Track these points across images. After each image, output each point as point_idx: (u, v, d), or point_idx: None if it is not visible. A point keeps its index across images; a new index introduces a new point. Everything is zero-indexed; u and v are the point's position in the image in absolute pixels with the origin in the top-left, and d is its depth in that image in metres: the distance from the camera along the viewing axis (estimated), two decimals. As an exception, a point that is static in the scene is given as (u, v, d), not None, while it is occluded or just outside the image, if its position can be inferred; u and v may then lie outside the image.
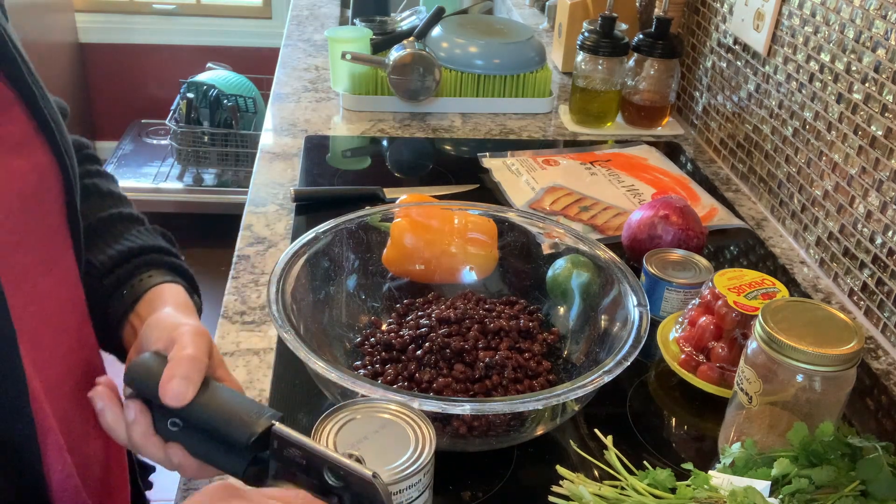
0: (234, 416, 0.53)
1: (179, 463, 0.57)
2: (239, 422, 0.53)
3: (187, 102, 2.73)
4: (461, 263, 0.89)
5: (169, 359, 0.56)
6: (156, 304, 0.66)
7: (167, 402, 0.54)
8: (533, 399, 0.63)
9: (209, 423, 0.54)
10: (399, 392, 0.62)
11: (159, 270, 0.71)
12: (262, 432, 0.52)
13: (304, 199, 1.13)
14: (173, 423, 0.56)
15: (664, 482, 0.62)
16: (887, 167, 0.91)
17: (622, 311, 0.76)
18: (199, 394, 0.55)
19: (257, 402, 0.55)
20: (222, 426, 0.53)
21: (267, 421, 0.53)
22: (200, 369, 0.56)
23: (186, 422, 0.55)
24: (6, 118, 0.57)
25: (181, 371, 0.55)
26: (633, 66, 1.41)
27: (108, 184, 0.77)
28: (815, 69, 1.05)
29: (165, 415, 0.56)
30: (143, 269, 0.70)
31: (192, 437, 0.56)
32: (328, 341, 0.80)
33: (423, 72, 1.39)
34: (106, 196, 0.75)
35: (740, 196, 1.24)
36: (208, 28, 3.16)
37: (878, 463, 0.60)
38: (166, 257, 0.73)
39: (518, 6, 2.18)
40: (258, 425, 0.52)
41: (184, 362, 0.55)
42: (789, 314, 0.67)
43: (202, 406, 0.54)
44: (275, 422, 0.52)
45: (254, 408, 0.54)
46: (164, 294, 0.68)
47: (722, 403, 0.75)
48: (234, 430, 0.53)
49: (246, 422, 0.53)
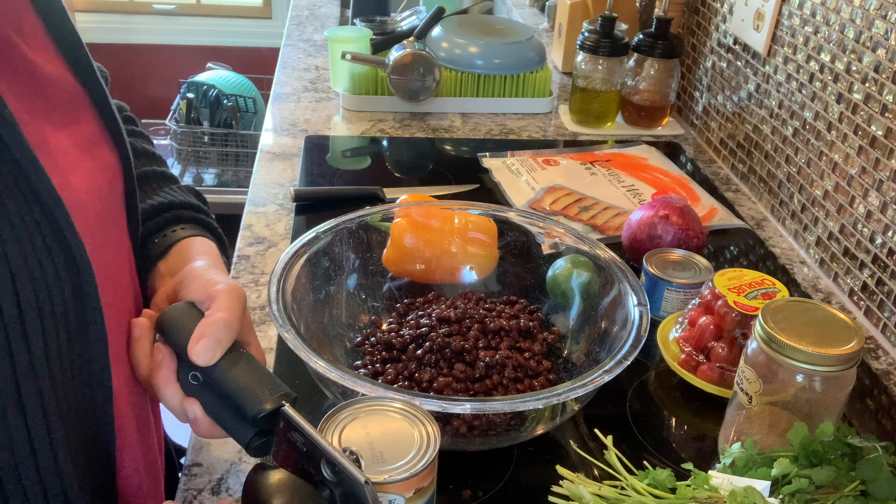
0: (250, 388, 0.55)
1: (195, 418, 0.57)
2: (252, 395, 0.54)
3: (187, 102, 2.73)
4: (461, 263, 0.89)
5: (206, 315, 0.57)
6: (187, 253, 0.67)
7: (193, 359, 0.55)
8: (534, 398, 0.63)
9: (225, 389, 0.55)
10: (399, 391, 0.62)
11: (190, 225, 0.72)
12: (270, 410, 0.53)
13: (304, 199, 1.13)
14: (194, 378, 0.57)
15: (664, 482, 0.62)
16: (887, 167, 0.91)
17: (622, 310, 0.76)
18: (225, 357, 0.56)
19: (277, 379, 0.56)
20: (236, 395, 0.55)
21: (278, 401, 0.54)
22: (231, 335, 0.57)
23: (206, 380, 0.56)
24: (83, 118, 0.58)
25: (213, 332, 0.56)
26: (633, 66, 1.41)
27: (143, 143, 0.78)
28: (815, 69, 1.05)
29: (188, 368, 0.57)
30: (173, 222, 0.71)
31: (207, 396, 0.57)
32: (328, 341, 0.80)
33: (423, 72, 1.39)
34: (140, 155, 0.76)
35: (740, 196, 1.24)
36: (208, 28, 3.16)
37: (878, 463, 0.60)
38: (198, 214, 0.74)
39: (518, 6, 2.18)
40: (269, 403, 0.53)
41: (217, 324, 0.56)
42: (789, 314, 0.67)
43: (223, 370, 0.56)
44: (285, 403, 0.53)
45: (270, 384, 0.55)
46: (196, 246, 0.69)
47: (722, 403, 0.75)
48: (245, 402, 0.54)
49: (259, 397, 0.54)
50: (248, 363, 0.57)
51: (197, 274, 0.62)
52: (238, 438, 0.56)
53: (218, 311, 0.57)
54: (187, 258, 0.67)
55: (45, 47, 0.56)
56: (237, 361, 0.56)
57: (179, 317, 0.58)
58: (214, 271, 0.63)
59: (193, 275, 0.62)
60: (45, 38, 0.57)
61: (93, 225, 0.55)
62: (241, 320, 0.59)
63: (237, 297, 0.59)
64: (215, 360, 0.55)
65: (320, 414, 0.58)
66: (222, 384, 0.55)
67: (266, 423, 0.54)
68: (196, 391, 0.58)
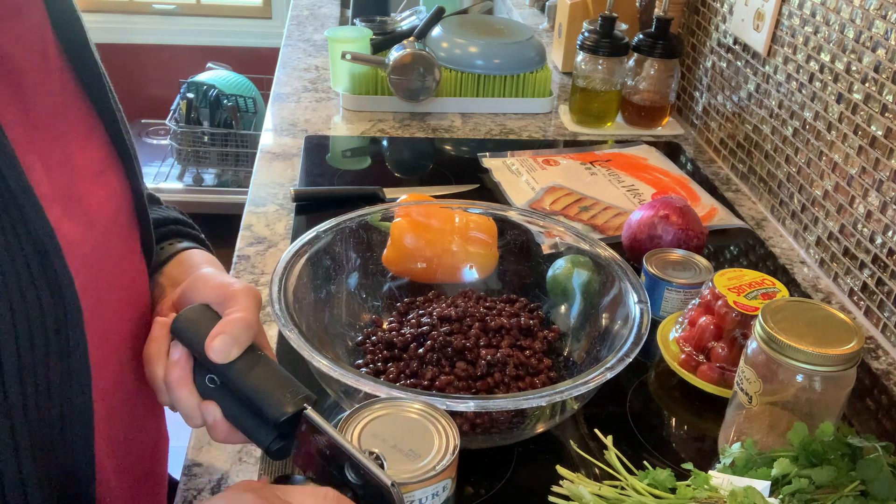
0: (270, 390, 0.53)
1: (213, 422, 0.56)
2: (273, 398, 0.53)
3: (187, 102, 2.72)
4: (462, 262, 0.89)
5: (224, 315, 0.56)
6: (190, 263, 0.67)
7: (210, 356, 0.54)
8: (537, 395, 0.63)
9: (244, 391, 0.54)
10: (402, 389, 0.62)
11: (186, 239, 0.71)
12: (293, 413, 0.52)
13: (304, 199, 1.13)
14: (211, 380, 0.56)
15: (664, 482, 0.62)
16: (887, 167, 0.91)
17: (623, 308, 0.76)
18: (242, 358, 0.55)
19: (294, 380, 0.55)
20: (256, 398, 0.53)
21: (300, 403, 0.53)
22: (249, 334, 0.56)
23: (224, 382, 0.55)
24: (91, 144, 0.57)
25: (231, 330, 0.55)
26: (633, 66, 1.41)
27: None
28: (815, 69, 1.05)
29: (205, 370, 0.56)
30: (168, 237, 0.71)
31: (225, 399, 0.56)
32: (330, 340, 0.80)
33: (423, 72, 1.39)
34: None
35: (740, 196, 1.24)
36: (208, 28, 3.16)
37: (878, 463, 0.60)
38: (192, 231, 0.74)
39: (518, 6, 2.18)
40: (291, 406, 0.53)
41: (236, 323, 0.55)
42: (789, 314, 0.67)
43: (242, 371, 0.54)
44: (307, 406, 0.53)
45: (290, 386, 0.54)
46: (197, 257, 0.68)
47: (722, 403, 0.75)
48: (266, 405, 0.53)
49: (280, 400, 0.53)
50: (266, 365, 0.55)
51: (209, 278, 0.61)
52: (257, 442, 0.55)
53: (237, 311, 0.56)
54: (191, 267, 0.66)
55: (57, 67, 0.55)
56: (255, 363, 0.55)
57: (196, 318, 0.57)
58: (226, 276, 0.63)
59: (205, 279, 0.61)
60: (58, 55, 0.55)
61: (90, 258, 0.54)
62: (258, 322, 0.58)
63: (255, 299, 0.58)
64: (232, 357, 0.54)
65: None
66: (241, 387, 0.54)
67: (287, 426, 0.53)
68: (213, 394, 0.56)
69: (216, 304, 0.58)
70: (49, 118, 0.53)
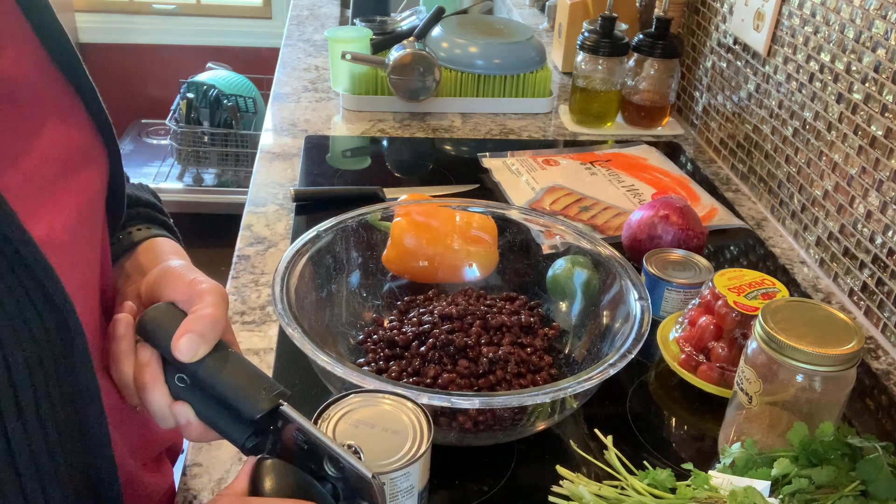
0: (244, 387, 0.53)
1: (186, 423, 0.55)
2: (247, 395, 0.53)
3: (187, 102, 2.72)
4: (463, 261, 0.89)
5: (190, 313, 0.55)
6: (157, 252, 0.65)
7: (177, 356, 0.53)
8: (541, 392, 0.64)
9: (217, 389, 0.53)
10: (407, 387, 0.62)
11: (154, 225, 0.69)
12: (269, 410, 0.52)
13: (304, 199, 1.13)
14: (181, 380, 0.55)
15: (664, 482, 0.62)
16: (887, 167, 0.91)
17: (624, 306, 0.76)
18: (212, 356, 0.54)
19: (267, 377, 0.55)
20: (230, 395, 0.53)
21: (275, 399, 0.52)
22: (217, 331, 0.54)
23: (194, 381, 0.55)
24: (74, 124, 0.56)
25: (197, 328, 0.53)
26: (633, 66, 1.41)
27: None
28: (815, 69, 1.05)
29: (174, 370, 0.55)
30: (136, 220, 0.69)
31: (197, 398, 0.55)
32: (331, 338, 0.80)
33: (423, 72, 1.39)
34: None
35: (740, 196, 1.24)
36: (208, 28, 3.16)
37: (878, 463, 0.60)
38: (159, 215, 0.72)
39: (518, 6, 2.18)
40: (266, 402, 0.52)
41: (202, 320, 0.54)
42: (789, 314, 0.67)
43: (213, 370, 0.54)
44: (283, 402, 0.52)
45: (264, 382, 0.54)
46: (165, 246, 0.66)
47: (722, 403, 0.75)
48: (241, 402, 0.53)
49: (254, 397, 0.52)
50: (237, 362, 0.55)
51: (177, 273, 0.59)
52: (232, 440, 0.55)
53: (204, 308, 0.55)
54: (158, 257, 0.64)
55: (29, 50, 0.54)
56: (226, 361, 0.54)
57: (162, 317, 0.56)
58: (195, 271, 0.61)
59: (173, 274, 0.59)
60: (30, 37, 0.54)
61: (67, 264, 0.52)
62: (226, 319, 0.57)
63: (222, 296, 0.57)
64: (199, 356, 0.53)
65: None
66: (213, 385, 0.54)
67: (262, 422, 0.53)
68: (184, 394, 0.55)
69: (182, 301, 0.57)
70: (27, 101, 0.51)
